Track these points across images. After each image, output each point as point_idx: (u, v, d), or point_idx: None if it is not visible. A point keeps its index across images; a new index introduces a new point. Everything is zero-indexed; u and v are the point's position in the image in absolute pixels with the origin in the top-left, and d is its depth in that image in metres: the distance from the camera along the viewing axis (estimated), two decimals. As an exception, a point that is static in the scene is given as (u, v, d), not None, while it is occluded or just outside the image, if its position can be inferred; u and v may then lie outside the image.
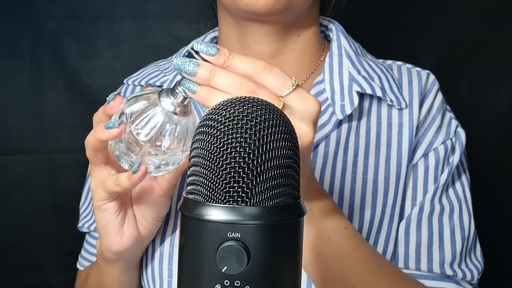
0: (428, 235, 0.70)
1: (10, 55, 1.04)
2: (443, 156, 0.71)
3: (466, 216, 0.72)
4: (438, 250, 0.70)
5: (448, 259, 0.70)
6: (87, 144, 0.58)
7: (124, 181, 0.55)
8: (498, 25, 1.02)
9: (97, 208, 0.60)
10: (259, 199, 0.37)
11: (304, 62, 0.74)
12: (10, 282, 1.09)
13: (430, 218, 0.70)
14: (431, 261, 0.70)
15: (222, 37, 0.75)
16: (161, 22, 1.05)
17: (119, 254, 0.63)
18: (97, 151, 0.57)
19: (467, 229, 0.72)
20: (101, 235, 0.62)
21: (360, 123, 0.71)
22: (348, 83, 0.71)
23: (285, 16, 0.68)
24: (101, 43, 1.05)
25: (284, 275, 0.38)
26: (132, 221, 0.63)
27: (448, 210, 0.71)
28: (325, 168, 0.69)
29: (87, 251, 0.81)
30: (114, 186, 0.56)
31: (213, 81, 0.49)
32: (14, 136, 1.05)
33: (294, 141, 0.40)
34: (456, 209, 0.72)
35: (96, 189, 0.59)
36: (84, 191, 0.83)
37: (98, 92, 1.04)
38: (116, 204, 0.60)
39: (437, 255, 0.70)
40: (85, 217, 0.80)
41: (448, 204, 0.72)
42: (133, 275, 0.70)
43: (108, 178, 0.57)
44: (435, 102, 0.73)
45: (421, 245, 0.70)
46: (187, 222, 0.38)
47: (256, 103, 0.39)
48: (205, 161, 0.38)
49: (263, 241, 0.36)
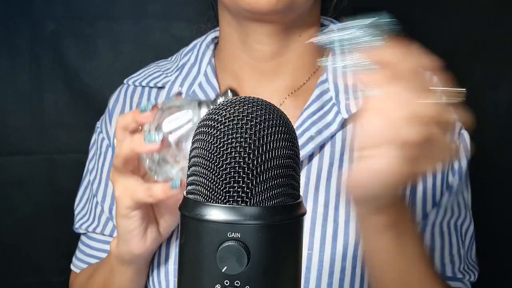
0: (441, 241, 0.71)
1: (10, 55, 1.04)
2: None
3: (468, 219, 0.74)
4: (449, 255, 0.71)
5: (457, 264, 0.72)
6: (120, 154, 0.58)
7: (159, 193, 0.56)
8: (498, 25, 1.02)
9: (122, 215, 0.60)
10: (259, 199, 0.37)
11: (305, 62, 0.73)
12: (10, 282, 1.08)
13: (442, 223, 0.71)
14: (444, 265, 0.71)
15: (223, 37, 0.75)
16: (161, 22, 1.05)
17: (140, 256, 0.64)
18: (129, 161, 0.57)
19: (470, 232, 0.74)
20: (123, 240, 0.62)
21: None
22: (352, 81, 0.71)
23: (287, 16, 0.68)
24: (101, 43, 1.05)
25: (284, 275, 0.38)
26: (155, 225, 0.64)
27: (457, 215, 0.72)
28: (331, 169, 0.69)
29: (84, 252, 0.80)
30: (147, 196, 0.57)
31: (399, 65, 0.48)
32: (14, 136, 1.05)
33: (294, 141, 0.40)
34: (462, 214, 0.73)
35: (123, 197, 0.59)
36: (80, 191, 0.82)
37: (98, 92, 1.04)
38: (142, 211, 0.60)
39: (448, 260, 0.71)
40: (82, 218, 0.80)
41: (457, 209, 0.72)
42: (144, 274, 0.70)
43: (138, 187, 0.58)
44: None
45: (434, 250, 0.71)
46: (187, 222, 0.38)
47: (256, 103, 0.39)
48: (205, 161, 0.38)
49: (263, 241, 0.36)
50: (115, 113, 0.78)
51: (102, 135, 0.79)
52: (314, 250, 0.66)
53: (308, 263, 0.66)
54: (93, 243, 0.79)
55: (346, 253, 0.66)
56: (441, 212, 0.72)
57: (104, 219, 0.77)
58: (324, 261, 0.66)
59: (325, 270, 0.66)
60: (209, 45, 0.77)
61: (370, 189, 0.52)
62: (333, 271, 0.66)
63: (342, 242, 0.66)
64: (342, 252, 0.66)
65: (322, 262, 0.66)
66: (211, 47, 0.77)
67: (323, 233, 0.66)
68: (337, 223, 0.67)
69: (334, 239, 0.66)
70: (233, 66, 0.74)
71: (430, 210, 0.71)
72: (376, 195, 0.53)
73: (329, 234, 0.66)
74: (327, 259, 0.66)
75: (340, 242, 0.66)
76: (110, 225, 0.77)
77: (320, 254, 0.66)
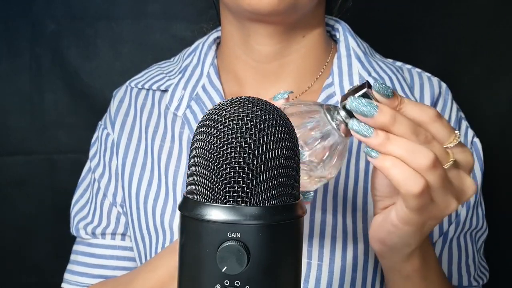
0: (458, 253, 0.71)
1: (10, 55, 1.04)
2: None
3: (484, 227, 0.74)
4: (465, 265, 0.71)
5: (473, 272, 0.72)
6: None
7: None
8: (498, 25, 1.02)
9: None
10: (259, 199, 0.37)
11: (309, 64, 0.72)
12: (10, 282, 1.09)
13: (459, 237, 0.71)
14: (461, 276, 0.71)
15: (225, 37, 0.74)
16: (161, 22, 1.05)
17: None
18: None
19: (483, 238, 0.74)
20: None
21: None
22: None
23: (289, 16, 0.66)
24: (101, 43, 1.05)
25: (284, 275, 0.38)
26: None
27: (474, 227, 0.72)
28: (338, 178, 0.67)
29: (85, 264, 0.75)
30: None
31: (393, 127, 0.46)
32: (14, 136, 1.05)
33: (294, 141, 0.40)
34: (479, 224, 0.73)
35: None
36: (78, 192, 0.80)
37: (98, 92, 1.04)
38: None
39: (465, 270, 0.71)
40: (84, 219, 0.77)
41: (475, 221, 0.72)
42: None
43: None
44: (452, 113, 0.72)
45: (452, 264, 0.71)
46: (187, 222, 0.38)
47: (256, 103, 0.39)
48: (205, 161, 0.38)
49: (263, 241, 0.36)
50: (120, 113, 0.77)
51: (106, 130, 0.77)
52: (324, 261, 0.65)
53: (318, 274, 0.64)
54: (98, 250, 0.76)
55: (357, 264, 0.65)
56: (460, 227, 0.71)
57: (115, 215, 0.75)
58: (334, 272, 0.65)
59: (336, 281, 0.65)
60: (211, 46, 0.76)
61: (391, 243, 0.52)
62: (344, 282, 0.65)
63: (352, 253, 0.65)
64: (352, 262, 0.65)
65: (332, 273, 0.65)
66: (213, 48, 0.76)
67: (333, 244, 0.65)
68: (346, 233, 0.66)
69: (344, 250, 0.65)
70: (235, 67, 0.73)
71: (447, 227, 0.71)
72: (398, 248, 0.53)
73: (338, 245, 0.65)
74: (337, 270, 0.65)
75: (350, 253, 0.65)
76: (123, 221, 0.75)
77: (330, 265, 0.65)
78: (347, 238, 0.65)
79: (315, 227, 0.65)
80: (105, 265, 0.75)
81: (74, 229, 0.78)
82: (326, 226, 0.66)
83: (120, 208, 0.75)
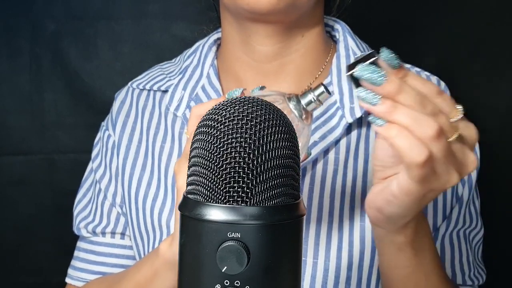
0: (451, 251, 0.71)
1: (10, 55, 1.04)
2: None
3: (479, 226, 0.74)
4: (459, 263, 0.71)
5: (467, 271, 0.72)
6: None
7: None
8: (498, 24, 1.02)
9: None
10: (259, 199, 0.37)
11: (309, 63, 0.72)
12: (10, 282, 1.09)
13: (452, 234, 0.71)
14: (455, 274, 0.71)
15: (225, 38, 0.74)
16: (161, 22, 1.05)
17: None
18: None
19: (478, 237, 0.74)
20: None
21: (370, 129, 0.69)
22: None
23: (288, 16, 0.66)
24: (101, 43, 1.05)
25: (284, 275, 0.38)
26: None
27: (468, 225, 0.72)
28: (336, 176, 0.68)
29: (86, 260, 0.77)
30: None
31: (400, 96, 0.46)
32: (14, 136, 1.05)
33: (294, 141, 0.40)
34: (473, 223, 0.73)
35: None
36: (81, 191, 0.81)
37: (98, 92, 1.04)
38: None
39: (458, 268, 0.71)
40: (85, 218, 0.78)
41: (468, 219, 0.72)
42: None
43: None
44: None
45: (444, 261, 0.71)
46: (187, 222, 0.38)
47: (256, 103, 0.39)
48: (205, 161, 0.38)
49: (263, 241, 0.36)
50: (122, 115, 0.78)
51: (108, 132, 0.78)
52: (319, 259, 0.65)
53: (313, 272, 0.65)
54: (99, 248, 0.77)
55: (352, 262, 0.65)
56: (452, 224, 0.71)
57: (115, 215, 0.76)
58: (329, 270, 0.65)
59: (331, 280, 0.65)
60: (211, 47, 0.77)
61: (388, 212, 0.52)
62: (339, 281, 0.65)
63: (347, 252, 0.65)
64: (347, 261, 0.65)
65: (328, 272, 0.65)
66: (214, 49, 0.77)
67: (328, 242, 0.66)
68: (342, 232, 0.66)
69: (339, 248, 0.65)
70: (235, 68, 0.74)
71: (441, 223, 0.71)
72: (394, 218, 0.53)
73: (334, 243, 0.66)
74: (332, 268, 0.65)
75: (345, 251, 0.65)
76: (122, 221, 0.76)
77: (326, 263, 0.65)
78: (342, 236, 0.66)
79: (310, 225, 0.66)
80: (105, 262, 0.77)
81: (76, 228, 0.80)
82: (321, 224, 0.66)
83: (120, 209, 0.76)
